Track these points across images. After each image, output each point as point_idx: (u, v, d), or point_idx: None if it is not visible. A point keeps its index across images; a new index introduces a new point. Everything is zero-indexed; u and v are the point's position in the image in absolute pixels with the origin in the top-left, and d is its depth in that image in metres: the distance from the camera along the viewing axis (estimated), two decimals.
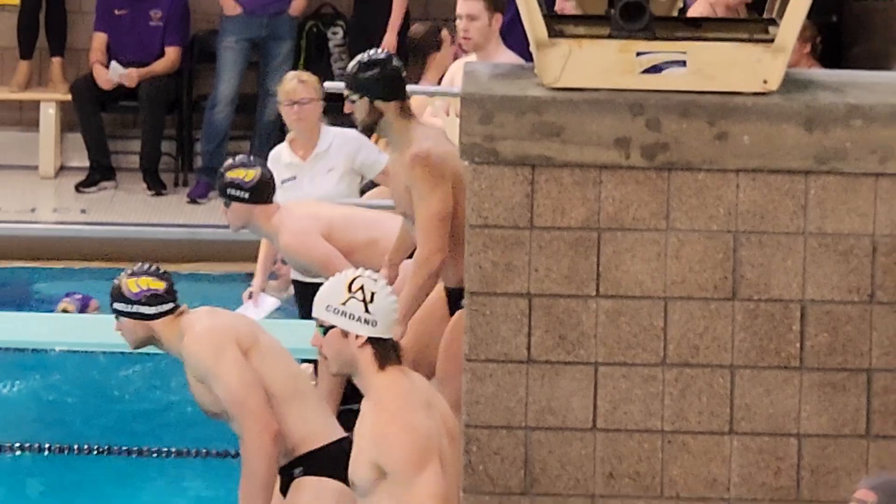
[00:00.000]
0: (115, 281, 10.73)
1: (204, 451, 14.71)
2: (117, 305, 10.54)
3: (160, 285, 10.43)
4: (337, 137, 15.22)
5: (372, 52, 12.13)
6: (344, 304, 9.13)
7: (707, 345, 9.74)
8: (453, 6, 15.83)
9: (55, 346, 16.21)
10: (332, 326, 9.04)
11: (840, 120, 9.60)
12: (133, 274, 10.54)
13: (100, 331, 14.29)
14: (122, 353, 15.57)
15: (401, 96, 11.79)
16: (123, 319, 10.45)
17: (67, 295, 16.77)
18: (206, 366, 10.04)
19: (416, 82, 15.66)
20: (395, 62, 12.12)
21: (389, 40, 18.27)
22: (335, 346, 9.11)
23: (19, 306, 18.27)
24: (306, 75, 15.79)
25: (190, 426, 14.89)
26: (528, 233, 9.69)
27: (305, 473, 10.02)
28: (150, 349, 11.50)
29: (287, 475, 10.12)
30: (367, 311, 9.10)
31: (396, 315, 9.50)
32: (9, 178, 20.64)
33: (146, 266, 10.73)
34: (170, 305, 10.31)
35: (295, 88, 15.07)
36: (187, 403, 13.70)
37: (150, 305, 10.43)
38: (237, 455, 11.18)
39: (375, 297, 9.13)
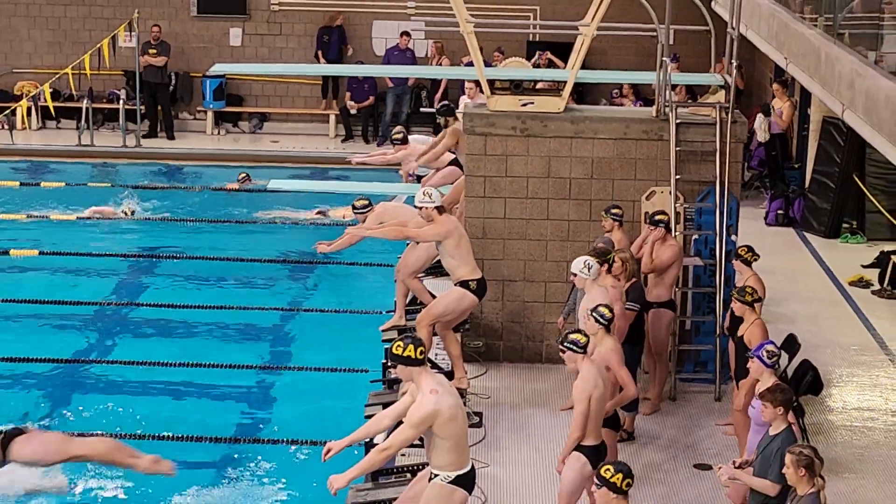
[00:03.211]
0: (355, 201, 13.93)
1: None
2: (354, 211, 13.96)
3: (366, 201, 13.79)
4: (413, 142, 17.90)
5: (442, 101, 16.40)
6: (423, 198, 12.37)
7: (540, 192, 13.94)
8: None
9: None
10: (423, 207, 12.34)
11: (582, 121, 13.87)
12: (355, 200, 13.74)
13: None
14: None
15: (453, 113, 16.19)
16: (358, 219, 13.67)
17: (409, 176, 18.47)
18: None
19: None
20: (449, 105, 16.76)
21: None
22: (423, 211, 12.35)
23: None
24: (395, 129, 18.34)
25: None
26: (484, 157, 13.95)
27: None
28: None
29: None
30: (431, 198, 12.42)
31: (441, 197, 12.44)
32: (318, 138, 25.30)
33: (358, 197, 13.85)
34: (368, 209, 13.64)
35: (393, 135, 18.06)
36: None
37: (361, 211, 13.78)
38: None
39: (433, 193, 12.44)
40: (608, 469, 8.41)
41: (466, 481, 9.06)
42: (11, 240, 19.06)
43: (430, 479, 9.05)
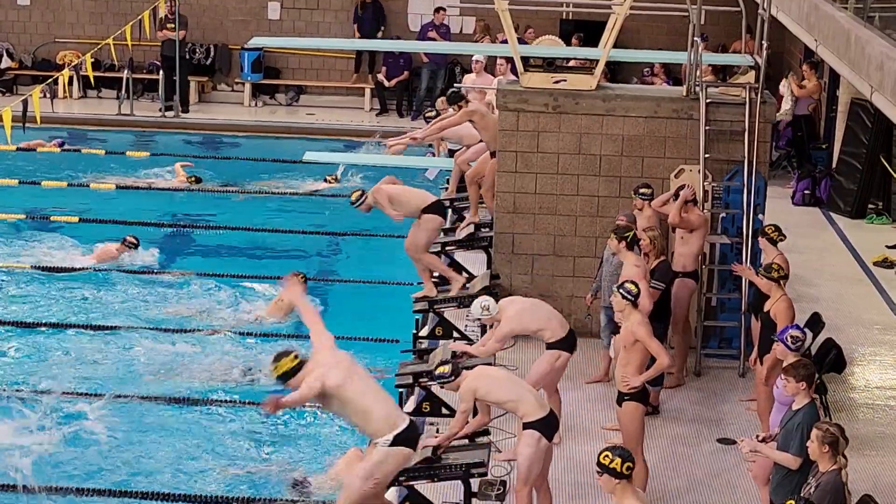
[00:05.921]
0: (351, 196, 13.67)
1: None
2: (352, 205, 13.71)
3: (359, 193, 13.66)
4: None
5: (450, 89, 15.77)
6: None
7: (570, 168, 13.83)
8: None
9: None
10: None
11: (613, 99, 13.87)
12: (351, 194, 13.60)
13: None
14: None
15: (462, 99, 15.34)
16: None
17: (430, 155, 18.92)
18: None
19: None
20: (458, 91, 15.72)
21: None
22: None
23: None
24: (439, 101, 18.54)
25: None
26: (516, 132, 13.95)
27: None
28: None
29: None
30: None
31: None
32: (352, 111, 25.14)
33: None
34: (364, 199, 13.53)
35: (437, 105, 18.27)
36: None
37: (359, 203, 13.52)
38: None
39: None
40: (606, 455, 8.11)
41: (408, 440, 9.14)
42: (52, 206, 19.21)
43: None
